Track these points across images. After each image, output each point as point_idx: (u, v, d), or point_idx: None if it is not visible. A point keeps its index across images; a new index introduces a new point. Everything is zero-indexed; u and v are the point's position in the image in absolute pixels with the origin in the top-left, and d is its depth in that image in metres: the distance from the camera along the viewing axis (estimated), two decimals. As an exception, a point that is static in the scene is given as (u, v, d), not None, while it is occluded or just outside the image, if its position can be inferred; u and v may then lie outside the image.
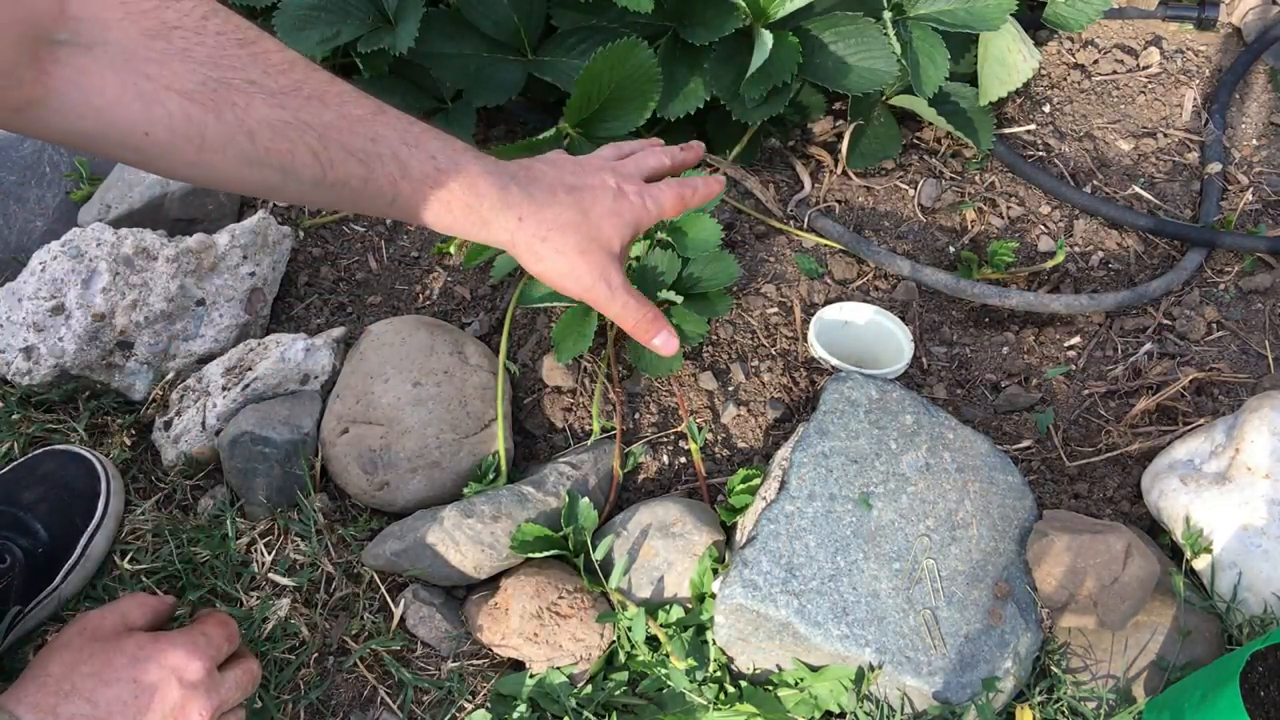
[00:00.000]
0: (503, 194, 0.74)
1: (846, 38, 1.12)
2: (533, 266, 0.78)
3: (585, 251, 0.77)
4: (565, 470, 0.98)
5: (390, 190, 0.69)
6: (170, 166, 0.62)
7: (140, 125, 0.59)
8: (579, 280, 0.78)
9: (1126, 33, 1.44)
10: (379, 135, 0.69)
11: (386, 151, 0.69)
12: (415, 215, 0.72)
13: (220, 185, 0.66)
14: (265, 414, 1.00)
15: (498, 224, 0.74)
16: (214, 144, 0.62)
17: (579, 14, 1.15)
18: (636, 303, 0.81)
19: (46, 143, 1.21)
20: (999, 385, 1.12)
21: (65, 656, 0.73)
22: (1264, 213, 1.27)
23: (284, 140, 0.64)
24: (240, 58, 0.63)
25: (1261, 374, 1.12)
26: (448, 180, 0.71)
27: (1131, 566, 0.88)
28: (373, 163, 0.68)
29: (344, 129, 0.67)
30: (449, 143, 0.73)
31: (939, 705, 0.87)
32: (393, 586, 0.96)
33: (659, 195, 0.82)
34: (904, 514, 0.93)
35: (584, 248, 0.77)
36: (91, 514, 0.94)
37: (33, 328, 1.02)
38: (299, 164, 0.65)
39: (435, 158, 0.71)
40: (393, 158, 0.69)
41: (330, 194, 0.68)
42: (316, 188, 0.67)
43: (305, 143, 0.65)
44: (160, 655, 0.74)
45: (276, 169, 0.65)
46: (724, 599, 0.88)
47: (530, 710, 0.88)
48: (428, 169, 0.70)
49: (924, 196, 1.24)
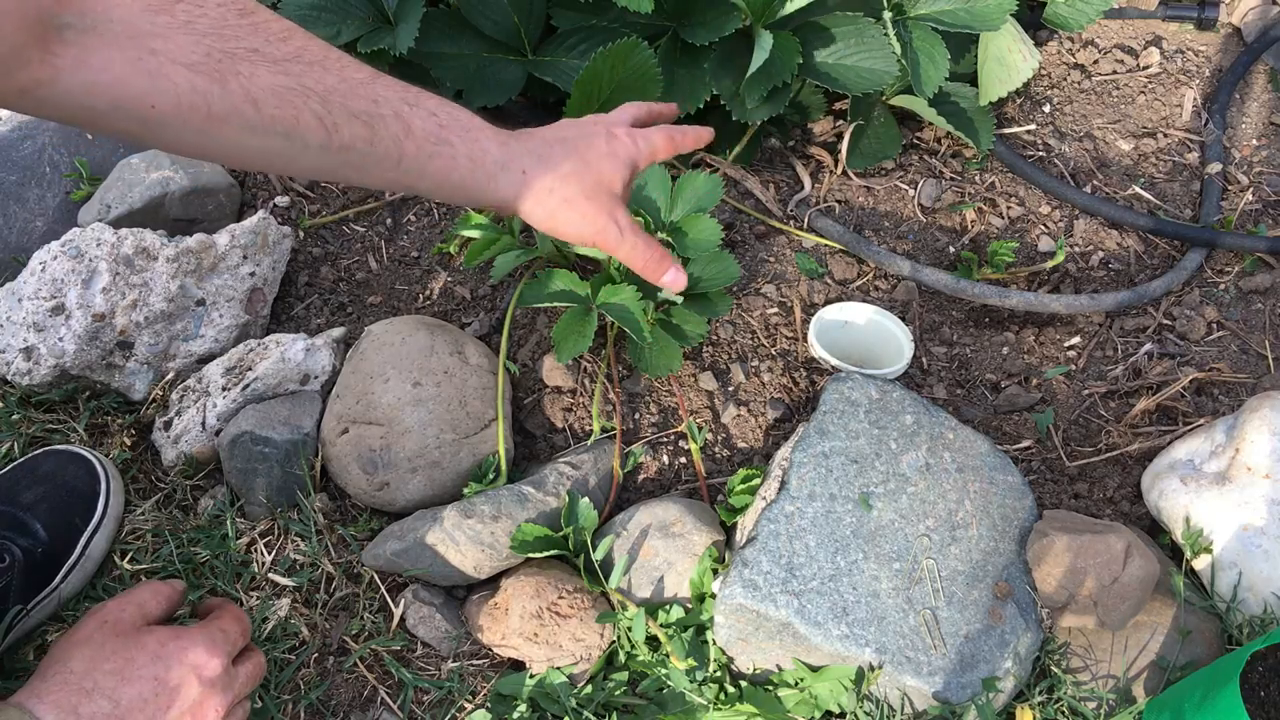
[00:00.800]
0: (505, 149, 0.75)
1: (846, 38, 1.12)
2: (542, 221, 0.78)
3: (592, 197, 0.78)
4: (565, 470, 0.98)
5: (395, 151, 0.70)
6: (177, 138, 0.63)
7: (147, 99, 0.59)
8: (592, 224, 0.79)
9: (1126, 33, 1.44)
10: (380, 96, 0.69)
11: (389, 112, 0.69)
12: (422, 174, 0.72)
13: (227, 157, 0.66)
14: (265, 414, 1.00)
15: (504, 179, 0.75)
16: (220, 113, 0.62)
17: (579, 14, 1.15)
18: (645, 242, 0.82)
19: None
20: (999, 385, 1.12)
21: (86, 652, 0.73)
22: (1264, 213, 1.27)
23: (288, 106, 0.64)
24: (242, 27, 0.64)
25: (1261, 374, 1.12)
26: (451, 136, 0.72)
27: (1131, 566, 0.88)
28: (376, 124, 0.68)
29: (346, 92, 0.67)
30: (445, 102, 0.73)
31: (939, 705, 0.87)
32: (393, 586, 0.96)
33: (650, 135, 0.84)
34: (904, 514, 0.93)
35: (590, 193, 0.78)
36: (91, 514, 0.94)
37: (33, 328, 1.02)
38: (304, 129, 0.65)
39: (436, 114, 0.72)
40: (395, 117, 0.69)
41: (337, 159, 0.68)
42: (323, 153, 0.67)
43: (309, 107, 0.65)
44: (181, 653, 0.74)
45: (282, 135, 0.65)
46: (724, 599, 0.88)
47: (530, 710, 0.88)
48: (430, 126, 0.71)
49: (924, 196, 1.24)
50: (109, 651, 0.73)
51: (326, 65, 0.67)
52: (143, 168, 1.15)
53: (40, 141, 1.20)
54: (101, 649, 0.73)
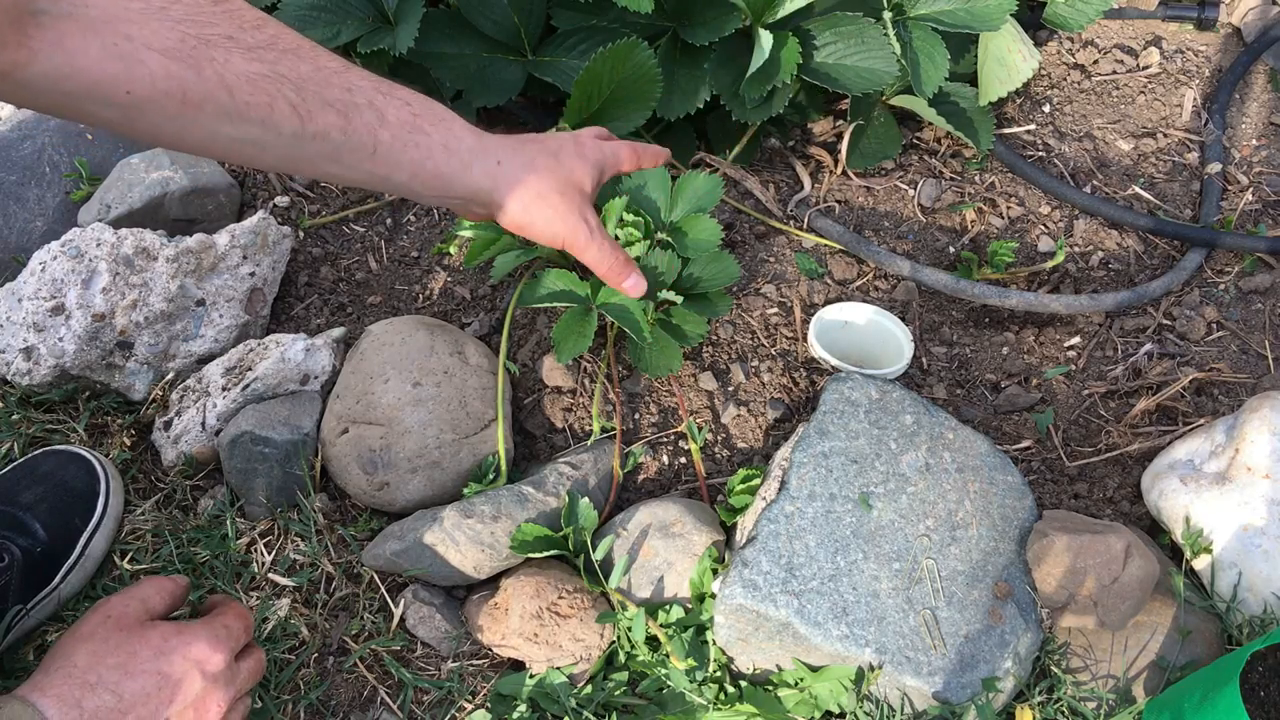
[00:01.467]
0: (479, 139, 0.76)
1: (846, 38, 1.12)
2: (517, 215, 0.79)
3: (564, 193, 0.79)
4: (565, 470, 0.98)
5: (370, 139, 0.70)
6: (152, 125, 0.63)
7: (122, 84, 0.60)
8: (564, 221, 0.80)
9: (1126, 33, 1.44)
10: (354, 85, 0.70)
11: (363, 100, 0.70)
12: (398, 164, 0.73)
13: (204, 147, 0.66)
14: (265, 414, 1.00)
15: (478, 167, 0.75)
16: (194, 99, 0.62)
17: (579, 14, 1.15)
18: (611, 246, 0.83)
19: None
20: (999, 385, 1.12)
21: (90, 647, 0.73)
22: (1264, 213, 1.27)
23: (262, 93, 0.65)
24: (216, 14, 0.64)
25: (1261, 374, 1.12)
26: (425, 125, 0.72)
27: (1131, 566, 0.88)
28: (350, 112, 0.69)
29: (320, 80, 0.68)
30: (418, 94, 0.74)
31: (939, 705, 0.86)
32: (393, 586, 0.96)
33: (615, 145, 0.87)
34: (904, 514, 0.93)
35: (562, 189, 0.79)
36: (91, 514, 0.94)
37: (33, 328, 1.02)
38: (278, 116, 0.66)
39: (410, 104, 0.72)
40: (369, 105, 0.70)
41: (312, 148, 0.68)
42: (297, 141, 0.67)
43: (283, 95, 0.66)
44: (185, 648, 0.74)
45: (256, 123, 0.65)
46: (724, 599, 0.88)
47: (530, 710, 0.88)
48: (404, 115, 0.72)
49: (924, 196, 1.24)
50: (112, 646, 0.73)
51: (300, 53, 0.68)
52: (143, 168, 1.15)
53: (40, 142, 1.20)
54: (105, 643, 0.73)
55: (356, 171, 0.72)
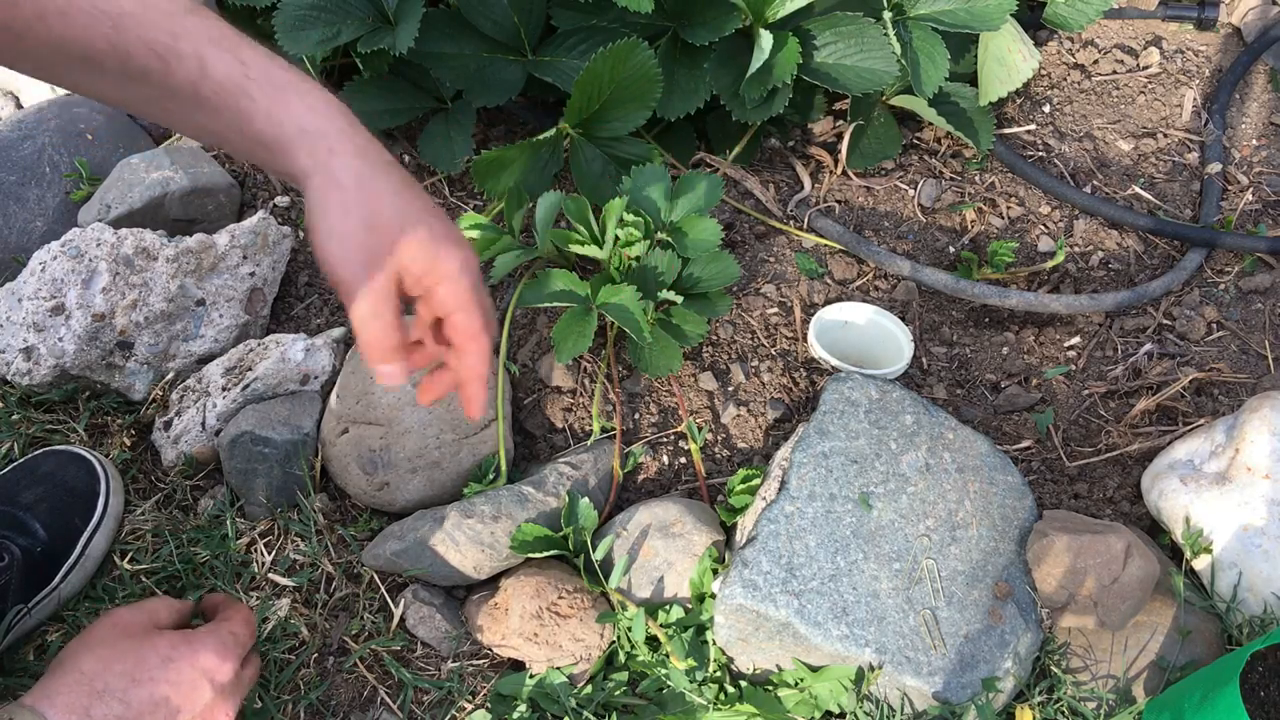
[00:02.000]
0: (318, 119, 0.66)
1: (846, 38, 1.12)
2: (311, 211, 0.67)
3: (375, 230, 0.66)
4: (565, 470, 0.98)
5: (190, 92, 0.65)
6: None
7: None
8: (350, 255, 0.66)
9: (1126, 33, 1.44)
10: (183, 31, 0.64)
11: (188, 49, 0.64)
12: (227, 125, 0.66)
13: (50, 78, 0.66)
14: (265, 414, 1.00)
15: (303, 145, 0.66)
16: (17, 29, 0.61)
17: (579, 14, 1.15)
18: (390, 320, 0.66)
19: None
20: (999, 385, 1.12)
21: (98, 654, 0.72)
22: (1264, 213, 1.27)
23: (77, 27, 0.62)
24: None
25: (1261, 374, 1.12)
26: (253, 90, 0.65)
27: (1131, 566, 0.88)
28: (170, 59, 0.64)
29: (144, 21, 0.64)
30: (270, 56, 0.66)
31: (939, 705, 0.86)
32: (393, 586, 0.96)
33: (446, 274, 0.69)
34: (904, 514, 0.93)
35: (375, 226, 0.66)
36: (91, 514, 0.94)
37: (33, 328, 1.02)
38: (98, 53, 0.63)
39: (246, 64, 0.65)
40: (194, 55, 0.64)
41: (134, 91, 0.66)
42: (122, 81, 0.65)
43: (100, 30, 0.63)
44: (193, 656, 0.74)
45: (79, 58, 0.63)
46: (724, 599, 0.88)
47: (530, 710, 0.88)
48: (234, 73, 0.65)
49: (924, 196, 1.24)
50: (120, 653, 0.73)
51: None
52: (143, 168, 1.15)
53: (40, 142, 1.20)
54: (113, 650, 0.73)
55: (190, 124, 0.68)
